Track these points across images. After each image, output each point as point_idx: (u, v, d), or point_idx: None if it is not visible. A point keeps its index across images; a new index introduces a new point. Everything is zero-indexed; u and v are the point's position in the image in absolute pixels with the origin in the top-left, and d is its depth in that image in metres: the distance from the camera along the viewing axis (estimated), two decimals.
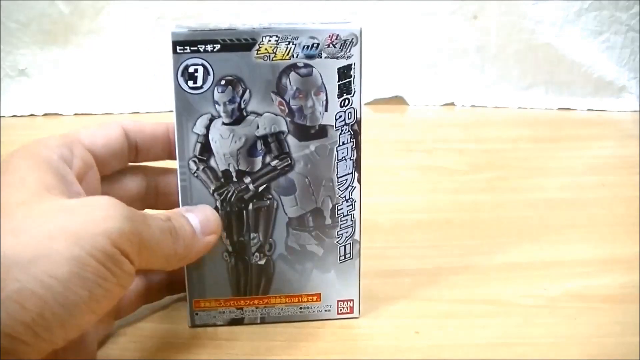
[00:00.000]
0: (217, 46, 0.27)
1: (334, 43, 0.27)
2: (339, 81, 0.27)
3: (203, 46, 0.27)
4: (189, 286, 0.29)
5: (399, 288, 0.33)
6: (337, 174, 0.28)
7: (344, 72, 0.27)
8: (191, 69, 0.27)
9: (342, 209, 0.29)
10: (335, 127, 0.28)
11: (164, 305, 0.31)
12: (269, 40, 0.27)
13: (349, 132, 0.28)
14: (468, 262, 0.36)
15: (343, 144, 0.28)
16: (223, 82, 0.27)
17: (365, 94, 0.77)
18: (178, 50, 0.26)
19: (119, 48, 0.63)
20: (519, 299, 0.32)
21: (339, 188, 0.29)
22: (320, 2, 0.62)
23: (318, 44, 0.27)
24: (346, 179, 0.29)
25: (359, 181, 0.29)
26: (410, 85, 0.69)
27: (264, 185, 0.28)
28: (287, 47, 0.27)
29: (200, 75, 0.27)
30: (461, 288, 0.33)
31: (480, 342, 0.29)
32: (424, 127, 0.64)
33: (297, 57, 0.27)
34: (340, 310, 0.30)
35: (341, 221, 0.29)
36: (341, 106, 0.28)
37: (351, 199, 0.29)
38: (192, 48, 0.26)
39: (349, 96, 0.28)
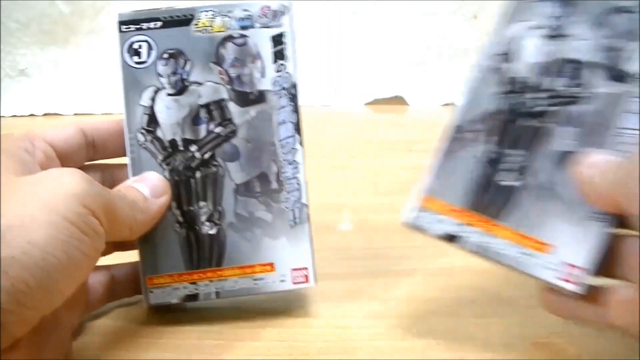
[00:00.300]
0: (159, 23, 0.29)
1: (265, 14, 0.28)
2: (273, 48, 0.28)
3: (146, 24, 0.29)
4: (142, 263, 0.29)
5: (398, 288, 0.33)
6: (278, 138, 0.29)
7: (278, 40, 0.29)
8: (136, 45, 0.29)
9: (286, 172, 0.29)
10: (273, 92, 0.29)
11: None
12: (206, 15, 0.28)
13: (287, 96, 0.29)
14: (468, 262, 0.35)
15: (282, 107, 0.29)
16: (166, 55, 0.29)
17: (366, 93, 0.77)
18: (123, 29, 0.29)
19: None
20: (519, 299, 0.31)
21: (281, 151, 0.29)
22: (321, 2, 0.63)
23: (251, 16, 0.28)
24: (288, 142, 0.29)
25: (302, 144, 0.29)
26: (411, 85, 0.69)
27: (210, 153, 0.29)
28: (222, 20, 0.28)
29: (144, 50, 0.29)
30: (461, 288, 0.33)
31: (480, 342, 0.29)
32: (424, 127, 0.64)
33: (232, 28, 0.28)
34: (295, 279, 0.30)
35: (287, 184, 0.30)
36: (277, 72, 0.29)
37: (295, 162, 0.29)
38: (136, 26, 0.29)
39: (283, 62, 0.29)
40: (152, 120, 0.29)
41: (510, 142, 0.27)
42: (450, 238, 0.27)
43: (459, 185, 0.27)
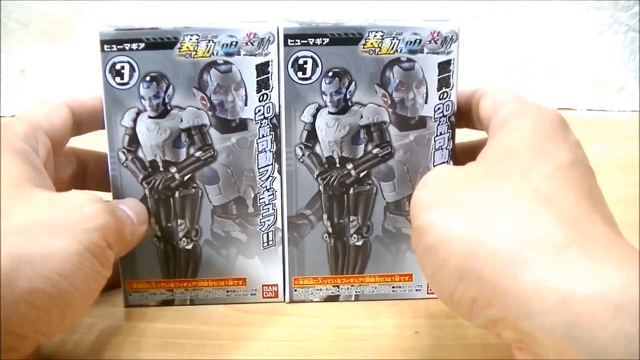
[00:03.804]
0: (142, 45, 0.28)
1: (251, 41, 0.28)
2: (257, 77, 0.29)
3: (129, 45, 0.28)
4: (122, 269, 0.31)
5: None
6: (257, 165, 0.30)
7: (262, 69, 0.29)
8: (118, 66, 0.28)
9: (263, 198, 0.31)
10: (255, 121, 0.29)
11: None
12: (190, 39, 0.28)
13: (268, 126, 0.29)
14: None
15: (262, 136, 0.30)
16: (148, 78, 0.29)
17: None
18: (105, 49, 0.28)
19: None
20: None
21: (259, 178, 0.30)
22: (324, 2, 0.62)
23: (237, 42, 0.28)
24: (266, 170, 0.30)
25: (280, 172, 0.30)
26: None
27: (189, 175, 0.30)
28: (207, 45, 0.28)
29: (126, 72, 0.29)
30: None
31: (480, 342, 0.29)
32: None
33: (216, 54, 0.28)
34: (266, 294, 0.32)
35: (263, 210, 0.31)
36: (260, 101, 0.29)
37: (272, 189, 0.30)
38: (118, 47, 0.28)
39: (267, 91, 0.29)
40: (133, 140, 0.29)
41: (342, 211, 0.31)
42: (332, 298, 0.33)
43: (318, 259, 0.32)
